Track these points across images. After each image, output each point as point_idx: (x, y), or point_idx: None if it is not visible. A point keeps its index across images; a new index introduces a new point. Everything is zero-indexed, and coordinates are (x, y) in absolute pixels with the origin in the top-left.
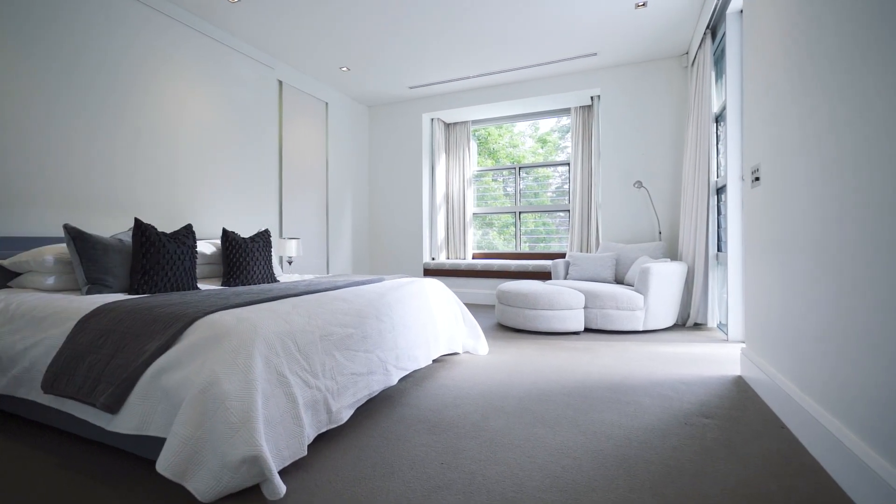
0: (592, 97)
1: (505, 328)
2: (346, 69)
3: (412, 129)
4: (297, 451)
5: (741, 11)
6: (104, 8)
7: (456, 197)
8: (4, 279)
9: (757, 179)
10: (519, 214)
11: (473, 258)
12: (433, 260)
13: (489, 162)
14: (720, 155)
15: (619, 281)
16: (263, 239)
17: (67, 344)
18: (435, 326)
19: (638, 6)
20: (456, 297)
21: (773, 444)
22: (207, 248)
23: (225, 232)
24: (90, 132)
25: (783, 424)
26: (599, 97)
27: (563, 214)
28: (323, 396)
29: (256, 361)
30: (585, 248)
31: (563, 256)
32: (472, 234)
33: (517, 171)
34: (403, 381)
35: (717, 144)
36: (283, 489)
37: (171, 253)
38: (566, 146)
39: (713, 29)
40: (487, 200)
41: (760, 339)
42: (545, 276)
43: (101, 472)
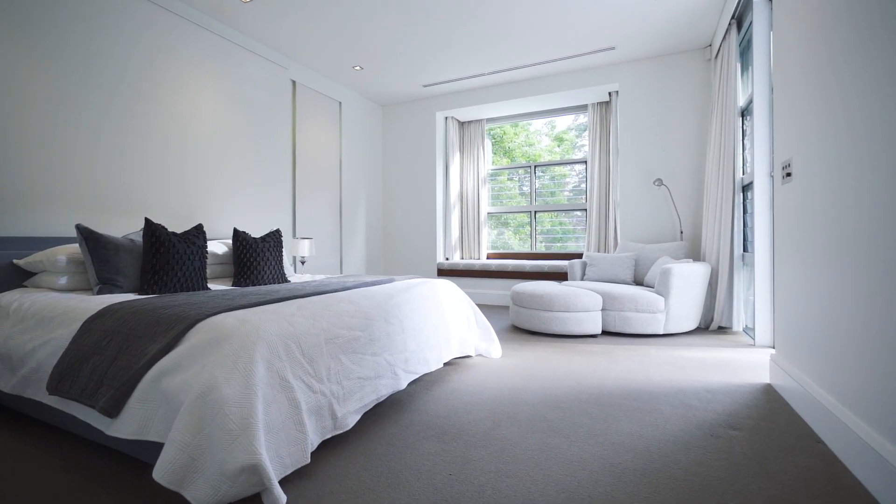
0: (610, 93)
1: (519, 330)
2: (359, 68)
3: (426, 127)
4: (299, 458)
5: None
6: (114, 7)
7: (470, 196)
8: (20, 279)
9: (788, 175)
10: (534, 214)
11: (488, 258)
12: (447, 260)
13: (504, 161)
14: (746, 150)
15: (638, 282)
16: (274, 239)
17: (73, 345)
18: (446, 328)
19: None
20: (468, 298)
21: (808, 460)
22: (219, 247)
23: (236, 232)
24: (102, 133)
25: (819, 439)
26: (618, 93)
27: (580, 214)
28: (328, 401)
29: (257, 365)
30: (603, 248)
31: (579, 257)
32: (486, 233)
33: (533, 169)
34: (413, 385)
35: (742, 140)
36: (283, 500)
37: (180, 253)
38: (583, 144)
39: (739, 18)
40: (503, 200)
41: (792, 345)
42: (561, 276)
43: (102, 475)
